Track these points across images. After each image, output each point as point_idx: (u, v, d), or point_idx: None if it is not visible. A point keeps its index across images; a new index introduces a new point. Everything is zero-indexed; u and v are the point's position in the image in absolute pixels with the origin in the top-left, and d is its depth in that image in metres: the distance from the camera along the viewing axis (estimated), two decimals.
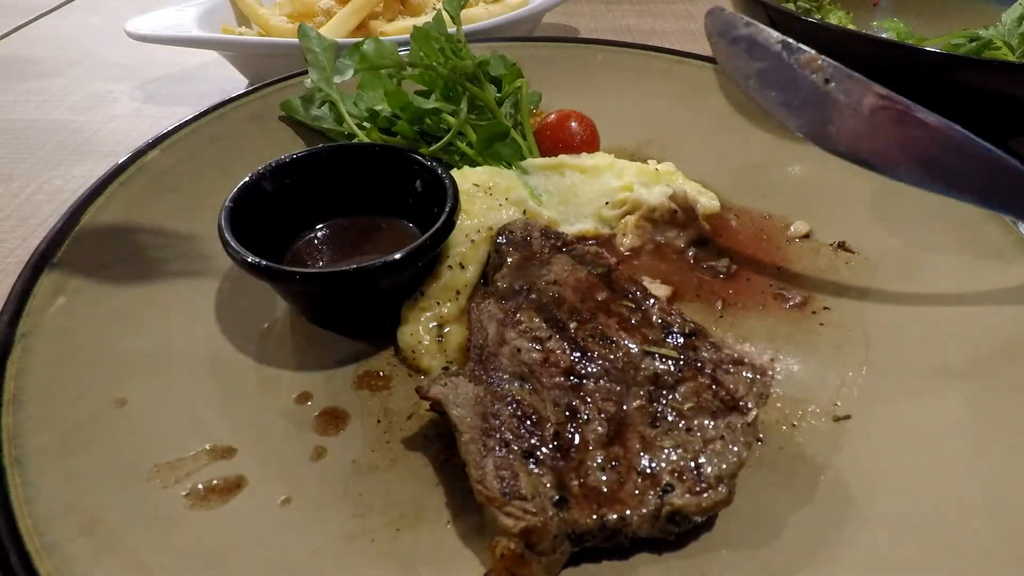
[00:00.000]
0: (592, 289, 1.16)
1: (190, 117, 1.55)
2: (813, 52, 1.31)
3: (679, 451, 0.93)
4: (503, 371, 1.03)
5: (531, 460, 0.91)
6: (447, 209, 1.24)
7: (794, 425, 1.12)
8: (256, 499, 0.98)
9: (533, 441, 0.94)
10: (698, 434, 0.95)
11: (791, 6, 2.15)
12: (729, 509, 0.92)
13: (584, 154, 1.59)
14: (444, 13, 1.60)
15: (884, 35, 2.08)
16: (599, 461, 0.92)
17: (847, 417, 1.12)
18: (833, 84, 1.25)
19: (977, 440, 1.05)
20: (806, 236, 1.52)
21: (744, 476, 0.95)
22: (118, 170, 1.38)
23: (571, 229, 1.48)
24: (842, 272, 1.41)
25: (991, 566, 0.89)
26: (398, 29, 2.26)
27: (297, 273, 1.16)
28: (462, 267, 1.29)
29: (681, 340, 1.06)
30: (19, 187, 1.78)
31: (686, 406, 0.98)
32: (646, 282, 1.34)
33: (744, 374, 1.01)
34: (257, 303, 1.29)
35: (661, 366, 1.03)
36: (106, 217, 1.31)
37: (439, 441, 1.08)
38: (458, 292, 1.27)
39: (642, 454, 0.93)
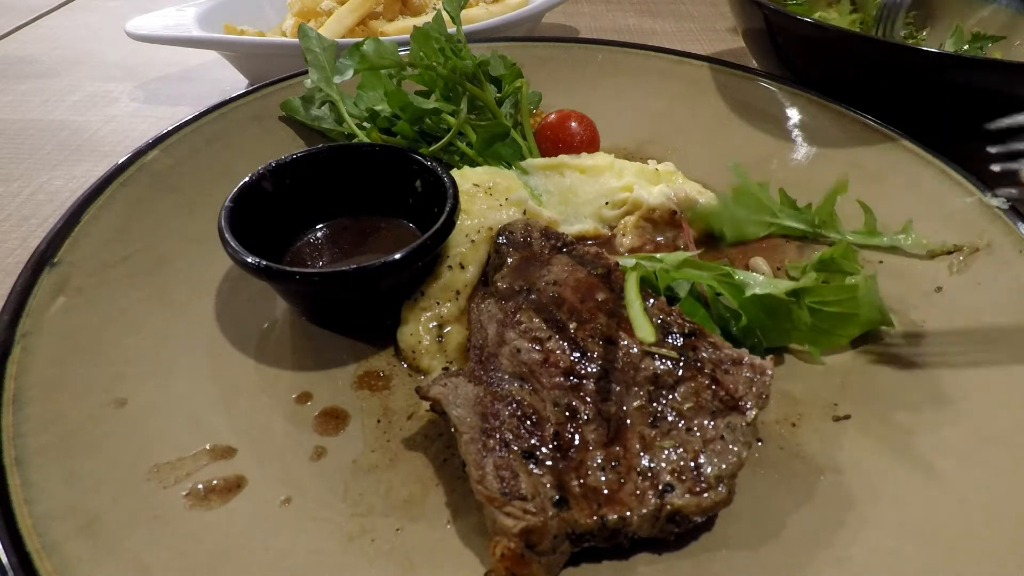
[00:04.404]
0: (592, 290, 1.16)
1: (190, 117, 1.55)
2: None
3: (679, 451, 0.93)
4: (503, 371, 1.03)
5: (531, 460, 0.91)
6: (447, 209, 1.24)
7: (794, 425, 1.12)
8: (256, 499, 0.98)
9: (533, 441, 0.93)
10: (698, 434, 0.95)
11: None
12: (729, 509, 0.92)
13: (584, 154, 1.59)
14: (444, 13, 1.60)
15: None
16: (599, 461, 0.92)
17: (847, 417, 1.12)
18: None
19: (977, 440, 1.05)
20: None
21: (744, 476, 0.95)
22: (118, 170, 1.38)
23: (571, 229, 1.47)
24: None
25: (991, 566, 0.90)
26: (398, 29, 2.27)
27: (297, 273, 1.16)
28: (462, 267, 1.29)
29: (681, 340, 1.06)
30: (19, 187, 1.78)
31: (686, 406, 0.98)
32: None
33: (744, 374, 1.01)
34: (257, 303, 1.29)
35: (661, 366, 1.03)
36: (106, 217, 1.31)
37: (439, 441, 1.08)
38: (458, 292, 1.27)
39: (642, 454, 0.93)
